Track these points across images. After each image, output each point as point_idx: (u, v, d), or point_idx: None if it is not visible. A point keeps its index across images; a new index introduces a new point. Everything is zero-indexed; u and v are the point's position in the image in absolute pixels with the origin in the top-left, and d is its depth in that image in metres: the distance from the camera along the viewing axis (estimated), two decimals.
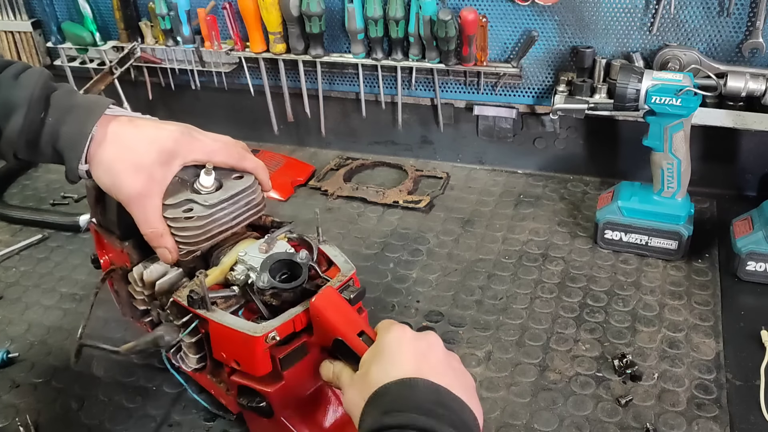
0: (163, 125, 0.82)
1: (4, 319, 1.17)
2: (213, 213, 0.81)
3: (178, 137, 0.80)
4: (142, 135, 0.79)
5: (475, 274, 1.20)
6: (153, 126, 0.81)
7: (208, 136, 0.85)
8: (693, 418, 0.91)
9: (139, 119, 0.82)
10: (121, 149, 0.78)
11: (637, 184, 1.23)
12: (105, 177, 0.78)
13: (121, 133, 0.79)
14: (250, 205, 0.85)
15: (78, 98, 0.79)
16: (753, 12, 1.20)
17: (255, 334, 0.75)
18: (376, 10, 1.35)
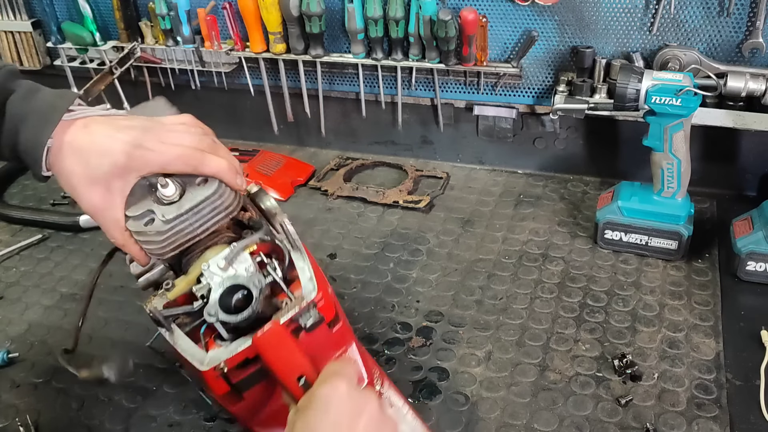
0: (117, 133, 0.75)
1: (4, 319, 1.17)
2: (173, 226, 0.76)
3: (130, 151, 0.74)
4: (94, 146, 0.74)
5: (475, 274, 1.20)
6: (106, 135, 0.75)
7: (166, 140, 0.76)
8: (693, 418, 0.91)
9: (94, 123, 0.75)
10: (76, 161, 0.74)
11: (637, 184, 1.23)
12: (66, 187, 0.76)
13: (75, 143, 0.74)
14: (216, 211, 0.78)
15: (34, 102, 0.75)
16: (753, 12, 1.20)
17: (200, 367, 0.72)
18: (376, 10, 1.35)
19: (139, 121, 0.77)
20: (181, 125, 0.80)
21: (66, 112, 0.74)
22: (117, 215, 0.76)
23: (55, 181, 1.41)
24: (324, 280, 0.80)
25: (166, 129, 0.77)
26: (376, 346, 1.05)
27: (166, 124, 0.78)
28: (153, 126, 0.77)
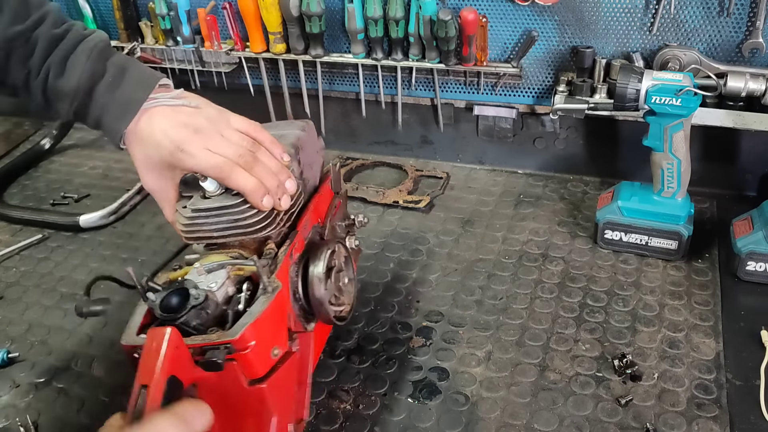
0: (171, 129, 0.81)
1: (4, 319, 1.17)
2: (194, 218, 0.81)
3: (174, 151, 0.81)
4: (151, 138, 0.82)
5: (475, 274, 1.20)
6: (162, 129, 0.82)
7: (210, 146, 0.81)
8: (693, 418, 0.91)
9: (158, 116, 0.82)
10: (138, 147, 0.83)
11: (637, 184, 1.23)
12: (137, 169, 0.85)
13: (139, 132, 0.82)
14: (234, 223, 0.80)
15: (118, 93, 0.82)
16: (753, 12, 1.20)
17: (123, 340, 0.72)
18: (376, 10, 1.35)
19: (198, 119, 0.83)
20: (238, 134, 0.84)
21: (146, 101, 0.82)
22: (169, 196, 0.86)
23: (55, 181, 1.43)
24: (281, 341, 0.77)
25: (218, 133, 0.83)
26: (375, 346, 1.05)
27: (223, 130, 0.83)
28: (208, 127, 0.82)
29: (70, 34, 0.82)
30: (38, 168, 1.65)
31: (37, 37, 0.82)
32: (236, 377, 0.72)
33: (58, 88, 0.81)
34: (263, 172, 0.82)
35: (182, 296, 0.74)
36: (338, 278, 0.89)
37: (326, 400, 0.97)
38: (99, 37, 0.84)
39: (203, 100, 0.86)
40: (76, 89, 0.81)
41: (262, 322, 0.73)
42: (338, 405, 0.96)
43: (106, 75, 0.82)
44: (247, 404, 0.75)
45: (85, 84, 0.81)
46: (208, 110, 0.85)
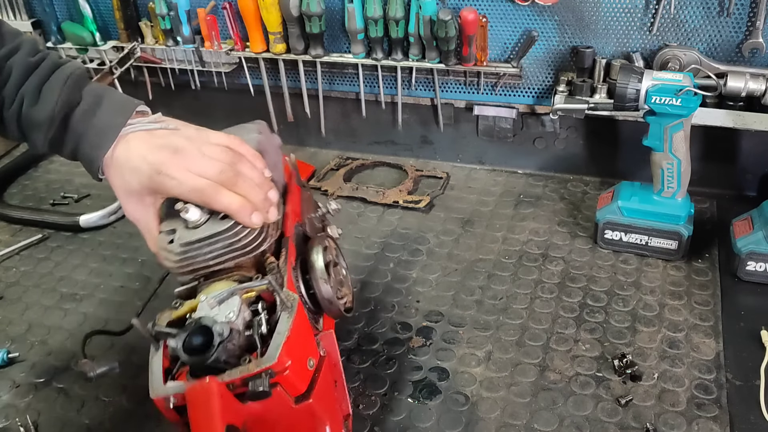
0: (149, 154, 0.78)
1: (4, 319, 1.17)
2: (187, 251, 0.77)
3: (152, 175, 0.78)
4: (128, 164, 0.79)
5: (475, 274, 1.20)
6: (139, 154, 0.79)
7: (191, 167, 0.78)
8: (693, 418, 0.91)
9: (135, 140, 0.79)
10: (116, 174, 0.80)
11: (637, 184, 1.23)
12: (119, 199, 0.83)
13: (117, 158, 0.79)
14: (230, 248, 0.78)
15: (94, 120, 0.79)
16: (753, 12, 1.20)
17: (152, 394, 0.70)
18: (376, 10, 1.35)
19: (176, 139, 0.80)
20: (218, 149, 0.81)
21: (123, 127, 0.79)
22: (150, 225, 0.82)
23: (55, 181, 1.43)
24: (312, 350, 0.77)
25: (198, 153, 0.79)
26: (376, 346, 1.05)
27: (202, 147, 0.80)
28: (187, 148, 0.79)
29: (45, 63, 0.80)
30: (38, 168, 1.65)
31: (12, 65, 0.80)
32: (282, 400, 0.71)
33: (32, 117, 0.79)
34: (247, 187, 0.79)
35: (204, 334, 0.71)
36: (337, 272, 0.88)
37: None
38: (74, 66, 0.82)
39: (181, 122, 0.83)
40: (51, 118, 0.78)
41: (293, 338, 0.72)
42: None
43: (81, 103, 0.80)
44: (299, 423, 0.74)
45: (60, 112, 0.79)
46: (186, 131, 0.82)
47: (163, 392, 0.69)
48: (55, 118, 0.79)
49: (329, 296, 0.83)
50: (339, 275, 0.88)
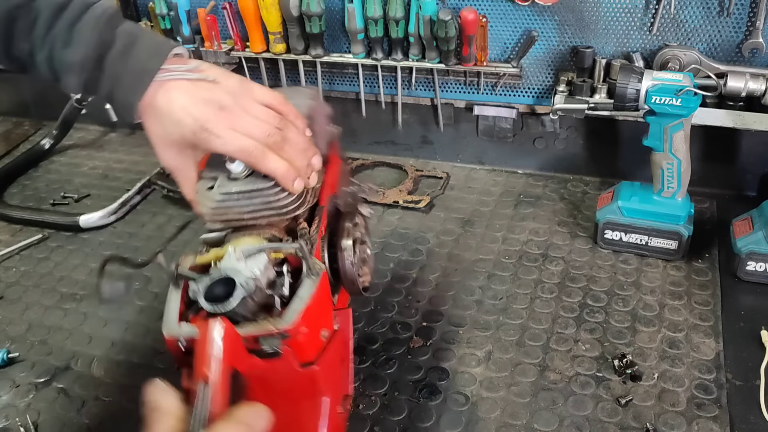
0: (193, 107, 0.77)
1: (4, 319, 1.17)
2: (224, 200, 0.78)
3: (197, 131, 0.76)
4: (171, 115, 0.77)
5: (475, 274, 1.20)
6: (182, 107, 0.77)
7: (236, 126, 0.77)
8: (693, 418, 0.91)
9: (176, 90, 0.77)
10: (155, 123, 0.79)
11: (637, 184, 1.23)
12: (150, 140, 0.81)
13: (156, 107, 0.77)
14: (267, 206, 0.79)
15: (129, 62, 0.77)
16: (753, 12, 1.20)
17: (165, 332, 0.70)
18: (376, 10, 1.35)
19: (221, 94, 0.78)
20: (264, 109, 0.79)
21: (159, 72, 0.77)
22: (189, 174, 0.82)
23: (55, 181, 1.43)
24: (327, 322, 0.77)
25: (242, 109, 0.78)
26: (376, 346, 1.05)
27: (247, 104, 0.79)
28: (232, 104, 0.78)
29: (74, 3, 0.77)
30: (38, 168, 1.65)
31: (39, 7, 0.77)
32: (289, 362, 0.71)
33: (65, 60, 0.76)
34: (293, 153, 0.78)
35: (227, 285, 0.71)
36: (362, 250, 0.88)
37: None
38: (106, 4, 0.79)
39: (221, 71, 0.81)
40: (84, 60, 0.76)
41: (313, 306, 0.72)
42: None
43: (115, 44, 0.77)
44: (299, 388, 0.75)
45: (94, 54, 0.76)
46: (228, 82, 0.80)
47: (176, 332, 0.69)
48: (88, 59, 0.76)
49: (351, 273, 0.84)
50: (363, 254, 0.88)
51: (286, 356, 0.70)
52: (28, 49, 0.78)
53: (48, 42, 0.77)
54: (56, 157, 1.69)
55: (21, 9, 0.77)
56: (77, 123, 1.69)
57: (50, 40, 0.76)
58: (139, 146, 1.71)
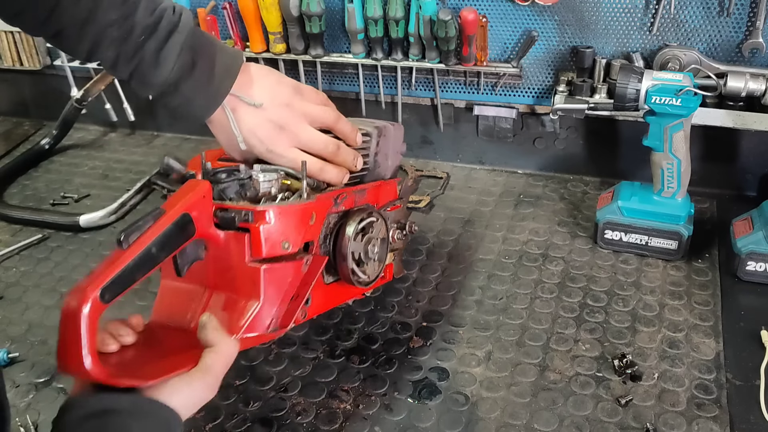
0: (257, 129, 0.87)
1: (4, 319, 1.17)
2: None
3: (263, 153, 0.88)
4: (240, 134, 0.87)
5: (475, 274, 1.20)
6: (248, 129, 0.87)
7: (297, 142, 0.89)
8: (693, 418, 0.91)
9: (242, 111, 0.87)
10: (225, 137, 0.89)
11: (637, 184, 1.23)
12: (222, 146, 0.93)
13: (225, 124, 0.87)
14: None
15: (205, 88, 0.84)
16: (753, 12, 1.20)
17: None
18: (376, 10, 1.35)
19: (279, 114, 0.88)
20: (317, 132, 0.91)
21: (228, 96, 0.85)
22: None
23: (55, 181, 1.43)
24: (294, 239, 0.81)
25: (301, 128, 0.89)
26: (376, 346, 1.05)
27: (302, 120, 0.89)
28: (290, 123, 0.88)
29: (163, 22, 0.82)
30: (38, 168, 1.65)
31: (132, 24, 0.81)
32: (242, 250, 0.76)
33: (147, 79, 0.83)
34: (345, 155, 0.93)
35: (232, 172, 0.82)
36: (367, 243, 0.93)
37: (326, 400, 0.97)
38: (188, 24, 0.84)
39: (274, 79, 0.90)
40: (165, 83, 0.83)
41: (286, 212, 0.79)
42: (338, 405, 0.96)
43: (195, 69, 0.83)
44: (240, 280, 0.78)
45: (174, 77, 0.83)
46: (281, 95, 0.89)
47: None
48: (168, 82, 0.83)
49: (345, 250, 0.89)
50: (368, 251, 0.93)
51: (239, 241, 0.76)
52: (114, 58, 0.83)
53: (136, 58, 0.82)
54: (56, 157, 1.69)
55: (114, 25, 0.81)
56: (77, 123, 1.69)
57: (138, 57, 0.82)
58: (139, 146, 1.71)
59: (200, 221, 0.73)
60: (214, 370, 0.70)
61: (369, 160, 0.99)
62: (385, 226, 0.98)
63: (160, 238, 0.68)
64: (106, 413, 0.62)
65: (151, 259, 0.68)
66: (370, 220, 0.92)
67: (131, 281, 0.67)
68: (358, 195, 0.95)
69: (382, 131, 1.00)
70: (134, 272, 0.67)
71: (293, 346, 1.06)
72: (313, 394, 0.98)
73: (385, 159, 1.02)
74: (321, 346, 1.06)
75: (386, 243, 0.98)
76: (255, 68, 0.89)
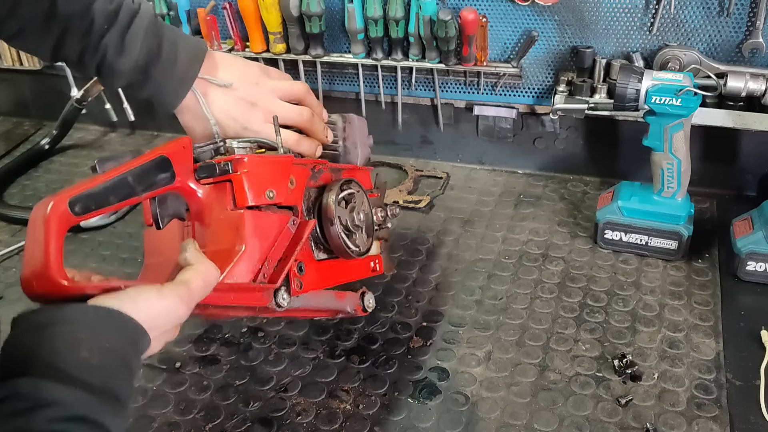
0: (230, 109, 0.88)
1: (4, 319, 1.17)
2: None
3: (239, 131, 0.88)
4: (213, 116, 0.88)
5: (475, 274, 1.20)
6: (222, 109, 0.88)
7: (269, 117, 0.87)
8: (693, 418, 0.91)
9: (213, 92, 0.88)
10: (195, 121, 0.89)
11: (637, 184, 1.23)
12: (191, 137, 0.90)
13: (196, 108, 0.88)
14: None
15: (172, 70, 0.84)
16: (753, 12, 1.20)
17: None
18: (376, 10, 1.35)
19: (249, 91, 0.89)
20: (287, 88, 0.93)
21: (197, 78, 0.86)
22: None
23: (55, 181, 1.43)
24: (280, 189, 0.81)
25: (272, 102, 0.90)
26: (376, 346, 1.05)
27: (272, 93, 0.91)
28: (261, 99, 0.90)
29: (123, 10, 0.82)
30: (38, 168, 1.65)
31: (93, 13, 0.81)
32: (225, 201, 0.76)
33: (115, 67, 0.83)
34: (318, 123, 0.95)
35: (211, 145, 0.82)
36: (351, 211, 0.92)
37: (326, 400, 0.97)
38: (148, 11, 0.85)
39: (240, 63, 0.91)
40: (133, 68, 0.83)
41: (264, 161, 0.80)
42: (338, 405, 0.96)
43: (161, 53, 0.84)
44: (226, 230, 0.77)
45: (142, 62, 0.83)
46: (247, 74, 0.90)
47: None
48: (137, 68, 0.83)
49: (330, 215, 0.87)
50: (358, 220, 0.93)
51: (222, 190, 0.76)
52: (79, 51, 0.83)
53: (102, 48, 0.82)
54: (56, 157, 1.69)
55: (77, 14, 0.81)
56: (77, 123, 1.69)
57: (103, 46, 0.82)
58: (139, 146, 1.71)
59: (179, 169, 0.73)
60: (190, 285, 0.64)
61: (339, 144, 1.01)
62: (367, 202, 0.97)
63: (137, 171, 0.68)
64: (50, 325, 0.55)
65: (127, 186, 0.67)
66: (350, 191, 0.92)
67: (105, 202, 0.65)
68: (334, 173, 0.95)
69: (346, 118, 1.03)
70: (108, 194, 0.66)
71: (293, 346, 1.07)
72: (313, 394, 0.98)
73: (354, 147, 1.04)
74: (321, 346, 1.06)
75: (370, 218, 0.97)
76: (219, 54, 0.90)
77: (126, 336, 0.57)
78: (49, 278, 0.59)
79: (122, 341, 0.57)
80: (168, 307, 0.61)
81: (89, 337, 0.54)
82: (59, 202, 0.61)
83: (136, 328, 0.58)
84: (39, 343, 0.53)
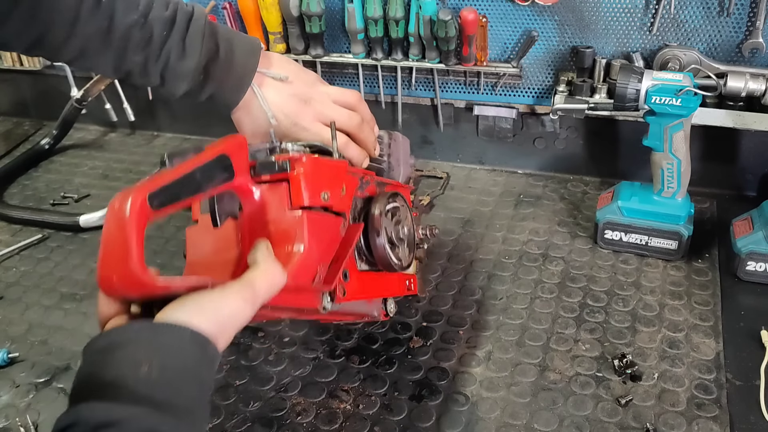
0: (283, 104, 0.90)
1: (4, 319, 1.17)
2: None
3: (290, 127, 0.90)
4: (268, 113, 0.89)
5: (475, 274, 1.20)
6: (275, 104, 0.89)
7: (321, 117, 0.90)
8: (693, 418, 0.91)
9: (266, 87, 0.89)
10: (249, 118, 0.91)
11: (637, 184, 1.23)
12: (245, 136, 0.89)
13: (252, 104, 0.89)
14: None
15: (233, 68, 0.86)
16: (753, 12, 1.20)
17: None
18: (376, 10, 1.35)
19: (302, 89, 0.91)
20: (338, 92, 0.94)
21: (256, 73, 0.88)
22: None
23: (55, 181, 1.43)
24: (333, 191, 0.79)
25: (325, 102, 0.92)
26: (376, 346, 1.05)
27: (325, 96, 0.93)
28: (314, 97, 0.92)
29: (179, 15, 0.83)
30: (38, 168, 1.65)
31: (152, 22, 0.82)
32: (282, 200, 0.75)
33: (179, 70, 0.84)
34: (368, 131, 0.96)
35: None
36: (397, 224, 0.92)
37: (326, 400, 0.97)
38: (201, 13, 0.86)
39: (294, 66, 0.93)
40: (196, 69, 0.84)
41: (320, 162, 0.79)
42: (338, 405, 0.96)
43: (219, 51, 0.85)
44: (283, 231, 0.75)
45: (203, 62, 0.84)
46: (304, 76, 0.93)
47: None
48: (198, 68, 0.84)
49: (377, 225, 0.87)
50: (402, 234, 0.93)
51: (279, 191, 0.74)
52: (142, 61, 0.83)
53: (164, 55, 0.83)
54: (56, 157, 1.69)
55: (136, 26, 0.81)
56: (77, 123, 1.69)
57: (165, 53, 0.83)
58: (139, 146, 1.71)
59: (237, 167, 0.71)
60: (255, 285, 0.62)
61: (384, 158, 1.02)
62: (410, 217, 0.97)
63: (203, 167, 0.66)
64: (109, 348, 0.55)
65: (195, 182, 0.65)
66: (396, 204, 0.92)
67: (177, 196, 0.63)
68: (379, 186, 0.95)
69: (392, 135, 1.05)
70: (180, 188, 0.63)
71: (293, 346, 1.07)
72: (313, 394, 0.98)
73: (397, 164, 1.05)
74: (321, 346, 1.06)
75: (413, 234, 0.97)
76: (274, 54, 0.92)
77: (190, 349, 0.56)
78: (133, 276, 0.57)
79: (186, 355, 0.56)
80: (234, 310, 0.61)
81: (149, 355, 0.54)
82: (139, 196, 0.58)
83: (200, 340, 0.57)
84: (100, 366, 0.54)
